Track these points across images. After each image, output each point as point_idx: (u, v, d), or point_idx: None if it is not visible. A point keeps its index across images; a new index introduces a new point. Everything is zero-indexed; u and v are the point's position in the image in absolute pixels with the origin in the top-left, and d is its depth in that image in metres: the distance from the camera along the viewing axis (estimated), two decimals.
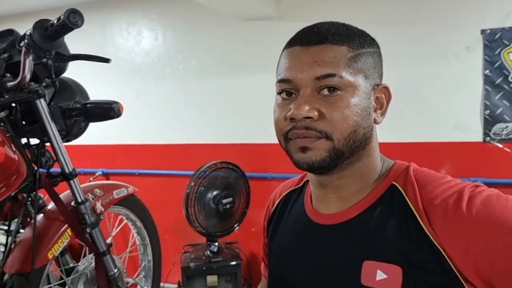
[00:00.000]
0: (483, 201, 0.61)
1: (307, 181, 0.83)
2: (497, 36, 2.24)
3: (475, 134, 2.33)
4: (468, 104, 2.34)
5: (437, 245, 0.61)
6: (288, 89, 0.68)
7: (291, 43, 0.70)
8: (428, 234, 0.62)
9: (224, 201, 2.39)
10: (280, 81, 0.69)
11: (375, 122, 0.71)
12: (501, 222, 0.59)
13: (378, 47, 0.72)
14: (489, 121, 2.29)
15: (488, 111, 2.29)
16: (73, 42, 1.26)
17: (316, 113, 0.65)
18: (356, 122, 0.66)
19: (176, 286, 2.77)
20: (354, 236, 0.69)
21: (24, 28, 1.17)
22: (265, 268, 0.95)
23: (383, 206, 0.68)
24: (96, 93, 1.47)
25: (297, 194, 0.85)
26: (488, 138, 2.30)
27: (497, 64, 2.25)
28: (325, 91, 0.65)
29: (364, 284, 0.65)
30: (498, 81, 2.26)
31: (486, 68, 2.28)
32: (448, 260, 0.60)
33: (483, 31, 2.27)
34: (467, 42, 2.31)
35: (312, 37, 0.67)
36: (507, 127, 2.26)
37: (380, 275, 0.64)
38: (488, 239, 0.59)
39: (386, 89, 0.72)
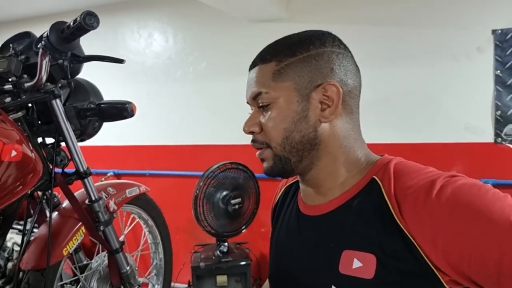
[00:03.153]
0: (455, 189, 0.61)
1: None
2: (508, 36, 2.23)
3: (486, 135, 2.31)
4: (479, 104, 2.33)
5: (407, 233, 0.62)
6: (251, 109, 0.79)
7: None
8: (399, 223, 0.63)
9: (233, 201, 2.40)
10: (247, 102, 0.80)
11: (322, 121, 0.72)
12: (469, 210, 0.58)
13: (321, 46, 0.72)
14: (500, 122, 2.28)
15: (499, 111, 2.27)
16: (87, 45, 1.29)
17: (257, 128, 0.75)
18: (286, 128, 0.72)
19: (186, 286, 2.79)
20: (334, 226, 0.73)
21: (39, 31, 1.20)
22: None
23: (361, 198, 0.71)
24: (108, 95, 1.50)
25: (294, 188, 0.90)
26: (499, 139, 2.29)
27: (508, 65, 2.24)
28: (262, 107, 0.74)
29: (341, 272, 0.69)
30: (510, 81, 2.24)
31: (497, 68, 2.27)
32: (419, 249, 0.61)
33: (494, 31, 2.26)
34: (478, 43, 2.30)
35: (252, 62, 0.77)
36: None
37: (356, 264, 0.67)
38: (455, 227, 0.59)
39: (332, 86, 0.71)
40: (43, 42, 1.11)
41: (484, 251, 0.57)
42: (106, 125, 1.50)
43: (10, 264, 2.02)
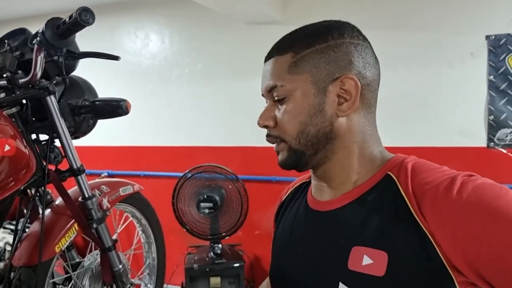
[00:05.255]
0: (475, 187, 0.60)
1: None
2: (501, 42, 2.26)
3: (479, 139, 2.34)
4: (472, 109, 2.35)
5: (425, 230, 0.61)
6: (266, 101, 0.78)
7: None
8: (417, 218, 0.62)
9: (203, 204, 2.42)
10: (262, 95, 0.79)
11: (339, 115, 0.70)
12: (491, 209, 0.57)
13: (340, 37, 0.70)
14: (493, 127, 2.30)
15: (492, 116, 2.30)
16: (83, 46, 1.29)
17: (272, 122, 0.74)
18: (302, 122, 0.71)
19: (180, 287, 2.78)
20: (345, 222, 0.71)
21: (36, 29, 1.20)
22: None
23: (375, 194, 0.69)
24: (104, 95, 1.50)
25: (303, 187, 0.88)
26: (492, 143, 2.31)
27: (501, 70, 2.27)
28: (278, 100, 0.73)
29: (350, 269, 0.67)
30: (503, 86, 2.27)
31: (490, 73, 2.29)
32: (436, 246, 0.60)
33: (487, 37, 2.29)
34: (472, 48, 2.33)
35: (268, 53, 0.76)
36: (511, 132, 2.27)
37: (366, 260, 0.65)
38: (476, 225, 0.57)
39: (350, 79, 0.69)
40: (38, 37, 1.11)
41: (504, 251, 0.55)
42: (101, 126, 1.50)
43: (1, 264, 2.01)
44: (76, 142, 1.42)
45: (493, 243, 0.56)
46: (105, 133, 2.80)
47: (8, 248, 2.32)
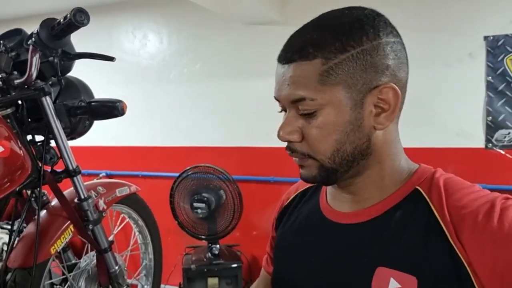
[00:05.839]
0: None
1: None
2: (500, 43, 2.25)
3: (477, 140, 2.33)
4: (470, 110, 2.35)
5: (462, 258, 0.56)
6: (281, 106, 0.68)
7: (278, 56, 0.66)
8: (454, 245, 0.57)
9: (196, 205, 2.42)
10: (275, 97, 0.68)
11: (377, 128, 0.63)
12: None
13: (376, 37, 0.61)
14: (492, 127, 2.29)
15: (490, 117, 2.29)
16: (80, 46, 1.29)
17: (296, 136, 0.64)
18: (337, 140, 0.62)
19: (177, 287, 2.78)
20: (368, 239, 0.65)
21: (32, 30, 1.20)
22: (268, 262, 0.92)
23: (403, 210, 0.63)
24: (102, 96, 1.49)
25: (312, 190, 0.82)
26: (490, 144, 2.30)
27: (500, 71, 2.26)
28: (304, 113, 0.63)
29: None
30: (501, 87, 2.26)
31: (488, 74, 2.29)
32: (472, 276, 0.55)
33: (486, 38, 2.28)
34: (470, 49, 2.32)
35: (286, 53, 0.64)
36: (509, 133, 2.26)
37: (393, 284, 0.60)
38: None
39: (390, 89, 0.62)
40: (33, 38, 1.11)
41: None
42: (99, 126, 1.50)
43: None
44: (74, 142, 1.42)
45: None
46: (103, 133, 2.80)
47: (6, 248, 2.31)
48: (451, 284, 0.56)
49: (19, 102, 1.27)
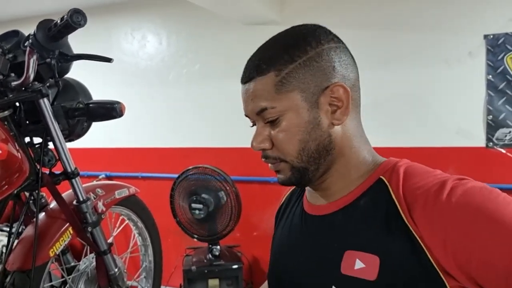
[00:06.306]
0: (465, 191, 0.60)
1: None
2: (500, 41, 2.24)
3: (478, 139, 2.32)
4: (471, 109, 2.34)
5: (416, 235, 0.61)
6: (251, 121, 0.76)
7: (241, 78, 0.75)
8: (408, 224, 0.62)
9: (194, 205, 2.42)
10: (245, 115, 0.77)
11: (335, 124, 0.70)
12: (480, 212, 0.57)
13: (318, 45, 0.69)
14: (492, 126, 2.29)
15: (491, 116, 2.28)
16: (79, 47, 1.28)
17: (267, 144, 0.72)
18: (301, 140, 0.69)
19: None
20: (338, 226, 0.72)
21: (31, 31, 1.19)
22: None
23: (368, 198, 0.69)
24: (100, 97, 1.49)
25: (298, 191, 0.89)
26: (491, 143, 2.30)
27: (500, 69, 2.26)
28: (269, 121, 0.71)
29: (343, 273, 0.67)
30: (501, 86, 2.26)
31: (489, 73, 2.28)
32: (427, 251, 0.60)
33: (486, 36, 2.27)
34: (470, 47, 2.31)
35: (246, 74, 0.72)
36: (510, 132, 2.25)
37: (359, 264, 0.66)
38: (466, 229, 0.58)
39: (340, 87, 0.69)
40: (30, 40, 1.10)
41: (494, 254, 0.56)
42: (98, 127, 1.49)
43: None
44: (73, 144, 1.41)
45: (483, 246, 0.57)
46: (103, 135, 2.80)
47: (3, 250, 2.31)
48: (408, 259, 0.61)
49: (17, 104, 1.26)
